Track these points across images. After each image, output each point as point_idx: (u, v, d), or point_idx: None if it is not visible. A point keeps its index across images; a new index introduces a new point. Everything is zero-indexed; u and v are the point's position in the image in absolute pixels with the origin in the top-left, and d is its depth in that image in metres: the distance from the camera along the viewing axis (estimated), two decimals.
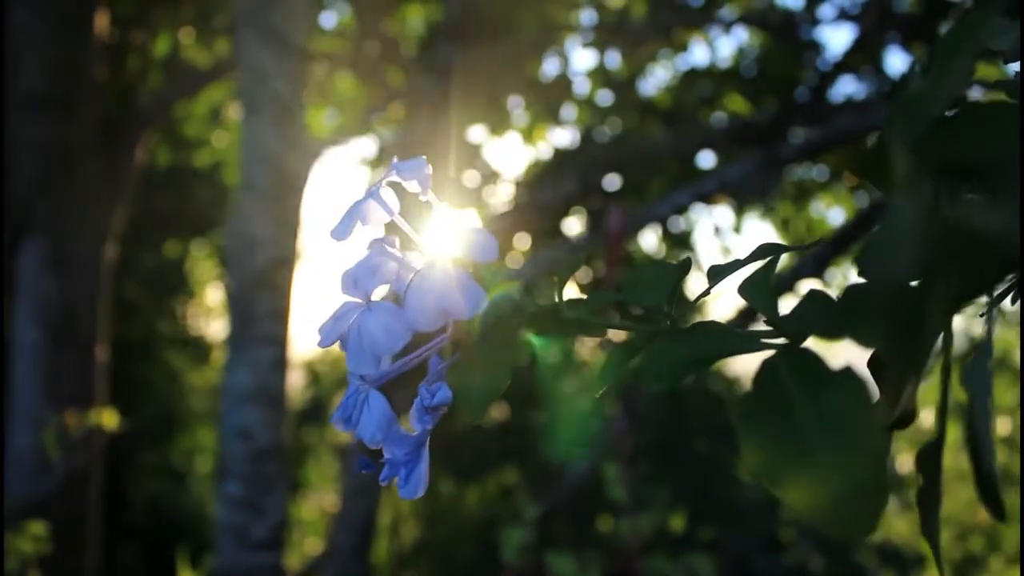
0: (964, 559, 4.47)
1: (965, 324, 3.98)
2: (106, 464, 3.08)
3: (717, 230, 3.80)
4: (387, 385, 0.40)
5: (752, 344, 0.36)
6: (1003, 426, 4.49)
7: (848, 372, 0.32)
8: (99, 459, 2.97)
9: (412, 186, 0.42)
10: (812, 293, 0.35)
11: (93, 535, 2.94)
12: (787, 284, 2.73)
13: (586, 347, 3.81)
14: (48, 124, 2.91)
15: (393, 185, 0.42)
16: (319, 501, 5.58)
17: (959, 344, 4.11)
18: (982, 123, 0.30)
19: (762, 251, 0.40)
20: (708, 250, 4.20)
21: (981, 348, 0.31)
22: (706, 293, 0.40)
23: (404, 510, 4.77)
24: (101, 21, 3.07)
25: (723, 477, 3.72)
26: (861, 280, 0.32)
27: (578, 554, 2.00)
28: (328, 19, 4.00)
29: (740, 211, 3.70)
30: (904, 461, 4.39)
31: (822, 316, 0.34)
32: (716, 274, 0.40)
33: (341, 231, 0.41)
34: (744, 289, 0.39)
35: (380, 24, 3.64)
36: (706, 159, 3.61)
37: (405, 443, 0.40)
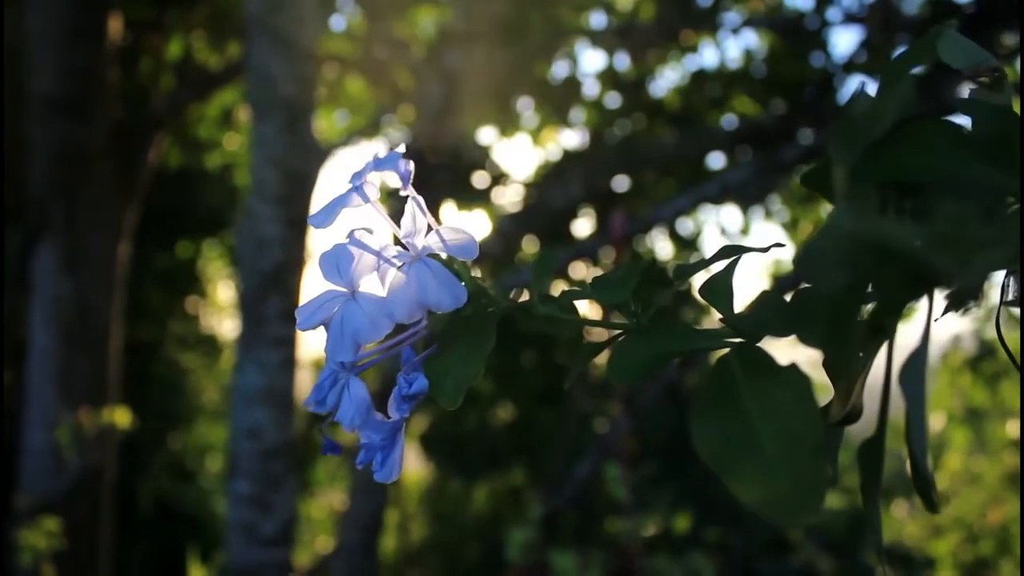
0: (975, 562, 4.45)
1: (976, 326, 3.99)
2: (118, 462, 3.11)
3: (723, 231, 3.81)
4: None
5: (713, 342, 0.38)
6: (1014, 429, 4.47)
7: (792, 368, 0.33)
8: (112, 457, 3.01)
9: (392, 179, 0.43)
10: (764, 295, 0.37)
11: (106, 532, 2.97)
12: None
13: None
14: (63, 127, 2.94)
15: (377, 179, 0.43)
16: (328, 500, 5.61)
17: (969, 346, 4.11)
18: (918, 143, 0.32)
19: (725, 252, 0.42)
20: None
21: (918, 350, 0.33)
22: (672, 291, 0.41)
23: (412, 509, 4.79)
24: (115, 25, 3.11)
25: None
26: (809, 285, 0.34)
27: (581, 553, 2.01)
28: (338, 21, 4.02)
29: (746, 213, 3.72)
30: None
31: (772, 316, 0.36)
32: (682, 273, 0.42)
33: (321, 219, 0.42)
34: (704, 290, 0.40)
35: (390, 26, 3.66)
36: (716, 160, 3.62)
37: (381, 429, 0.42)
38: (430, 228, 0.41)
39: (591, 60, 11.07)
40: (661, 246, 4.08)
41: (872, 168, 0.33)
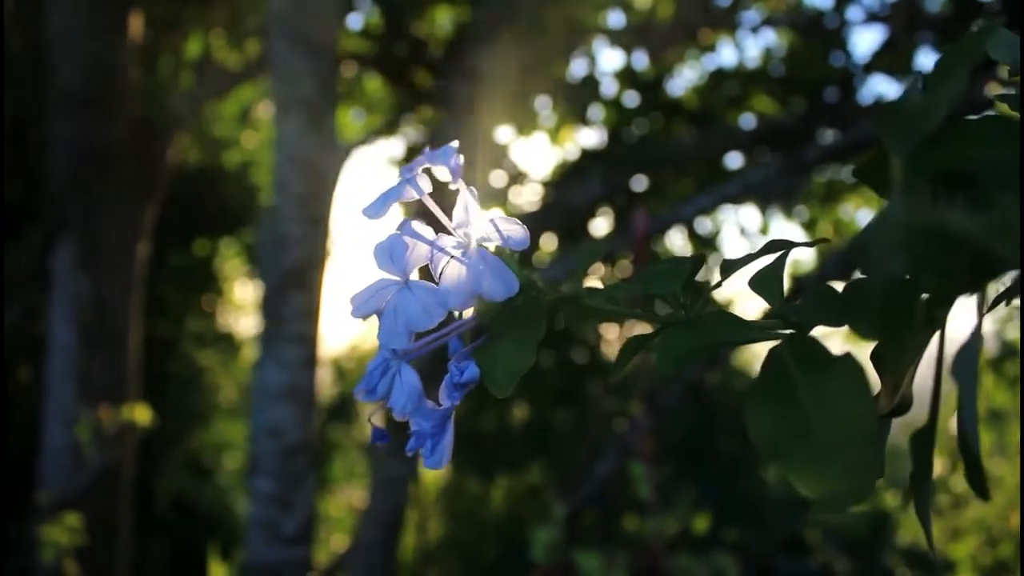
0: (995, 565, 4.42)
1: (998, 327, 3.96)
2: (136, 460, 3.13)
3: (743, 231, 3.80)
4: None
5: (761, 333, 0.38)
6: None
7: (847, 357, 0.34)
8: (132, 454, 3.02)
9: (442, 173, 0.44)
10: (817, 287, 0.37)
11: (125, 529, 2.98)
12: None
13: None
14: (83, 124, 2.96)
15: (427, 172, 0.44)
16: (347, 497, 5.62)
17: (991, 346, 4.09)
18: (970, 136, 0.32)
19: (772, 246, 0.42)
20: (735, 251, 4.18)
21: (970, 341, 0.33)
22: (718, 285, 0.41)
23: (431, 507, 4.79)
24: (135, 23, 3.12)
25: (748, 477, 3.71)
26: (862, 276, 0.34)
27: (605, 552, 2.01)
28: (356, 20, 4.03)
29: (765, 213, 3.70)
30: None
31: (825, 307, 0.36)
32: (728, 267, 0.42)
33: (374, 210, 0.43)
34: (754, 283, 0.41)
35: (408, 25, 3.67)
36: (734, 160, 3.61)
37: (432, 416, 0.42)
38: (481, 219, 0.42)
39: (609, 59, 11.07)
40: (680, 246, 4.07)
41: (925, 161, 0.34)
